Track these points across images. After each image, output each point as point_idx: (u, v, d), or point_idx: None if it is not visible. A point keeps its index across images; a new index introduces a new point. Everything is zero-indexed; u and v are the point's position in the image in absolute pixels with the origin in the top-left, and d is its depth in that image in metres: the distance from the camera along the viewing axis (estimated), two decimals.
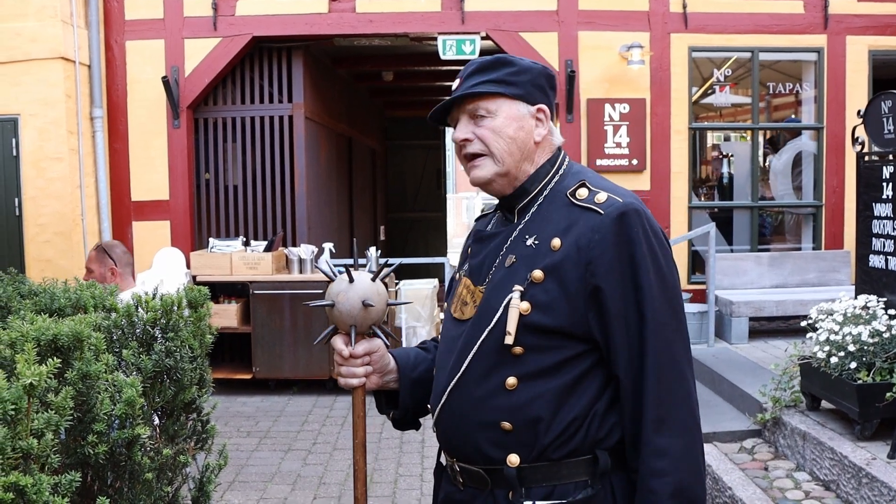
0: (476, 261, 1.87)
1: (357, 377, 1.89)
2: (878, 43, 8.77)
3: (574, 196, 1.77)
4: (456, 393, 1.79)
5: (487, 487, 1.76)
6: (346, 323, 1.84)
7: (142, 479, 2.19)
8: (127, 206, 8.52)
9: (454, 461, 1.84)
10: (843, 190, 8.69)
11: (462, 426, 1.78)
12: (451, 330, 1.88)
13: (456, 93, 1.83)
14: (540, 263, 1.72)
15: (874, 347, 4.86)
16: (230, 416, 7.07)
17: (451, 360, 1.81)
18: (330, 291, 1.86)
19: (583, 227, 1.71)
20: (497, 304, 1.74)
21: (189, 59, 8.44)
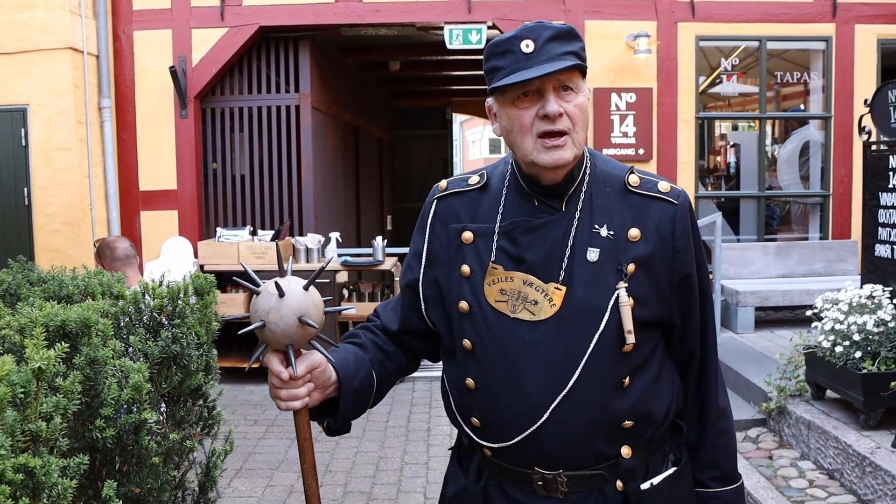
0: (536, 254, 1.69)
1: (300, 399, 1.69)
2: (887, 32, 8.73)
3: (630, 183, 1.74)
4: (567, 403, 1.65)
5: (597, 486, 1.71)
6: (282, 343, 1.63)
7: (149, 464, 2.22)
8: (135, 196, 8.55)
9: (559, 472, 1.69)
10: (850, 180, 8.67)
11: (576, 436, 1.68)
12: (513, 332, 1.69)
13: (544, 61, 1.60)
14: (628, 256, 1.68)
15: (879, 337, 4.87)
16: (237, 404, 7.11)
17: (543, 369, 1.66)
18: (257, 308, 1.62)
19: (657, 216, 1.71)
20: (601, 303, 1.66)
21: (196, 49, 8.46)
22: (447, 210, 1.82)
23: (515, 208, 1.75)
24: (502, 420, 1.70)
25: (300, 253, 7.87)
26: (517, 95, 1.64)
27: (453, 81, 14.32)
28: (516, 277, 1.69)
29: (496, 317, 1.70)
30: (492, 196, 1.79)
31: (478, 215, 1.78)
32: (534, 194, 1.74)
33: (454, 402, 1.82)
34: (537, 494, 1.72)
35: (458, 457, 1.89)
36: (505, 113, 1.69)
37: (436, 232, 1.82)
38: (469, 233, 1.77)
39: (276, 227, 8.54)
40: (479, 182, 1.82)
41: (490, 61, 1.68)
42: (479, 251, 1.75)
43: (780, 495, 4.54)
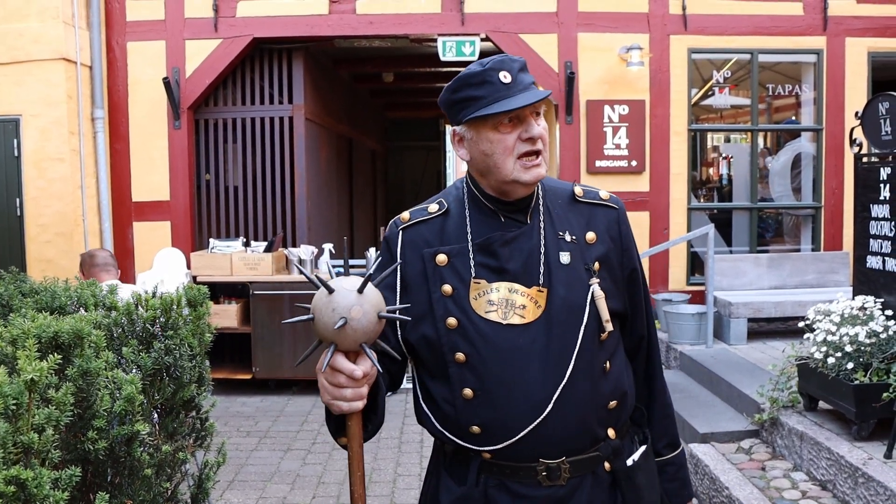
0: (516, 263, 1.84)
1: (364, 398, 1.70)
2: (877, 45, 8.79)
3: (577, 194, 1.97)
4: (565, 395, 1.80)
5: (592, 468, 1.88)
6: (359, 341, 1.62)
7: (141, 475, 2.22)
8: (128, 207, 8.54)
9: (562, 460, 1.83)
10: (842, 191, 8.71)
11: (576, 422, 1.83)
12: (507, 337, 1.81)
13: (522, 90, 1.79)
14: (591, 256, 1.90)
15: (871, 348, 4.88)
16: (230, 415, 7.09)
17: (539, 366, 1.80)
18: (336, 305, 1.60)
19: (605, 220, 1.96)
20: (580, 299, 1.85)
21: (190, 60, 8.46)
22: (415, 238, 1.92)
23: (483, 226, 1.89)
24: (506, 420, 1.80)
25: (293, 264, 7.87)
26: (500, 121, 1.80)
27: None
28: (501, 287, 1.83)
29: (489, 326, 1.82)
30: (455, 220, 1.92)
31: (446, 239, 1.90)
32: (499, 211, 1.90)
33: (445, 416, 1.88)
34: (541, 485, 1.83)
35: (447, 468, 1.94)
36: (485, 138, 1.82)
37: (407, 259, 1.91)
38: (443, 255, 1.88)
39: (269, 238, 8.54)
40: (440, 209, 1.95)
41: (462, 91, 1.82)
42: (457, 270, 1.87)
43: None
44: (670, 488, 2.08)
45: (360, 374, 1.65)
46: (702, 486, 5.15)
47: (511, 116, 1.79)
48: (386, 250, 1.95)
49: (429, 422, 1.92)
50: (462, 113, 1.83)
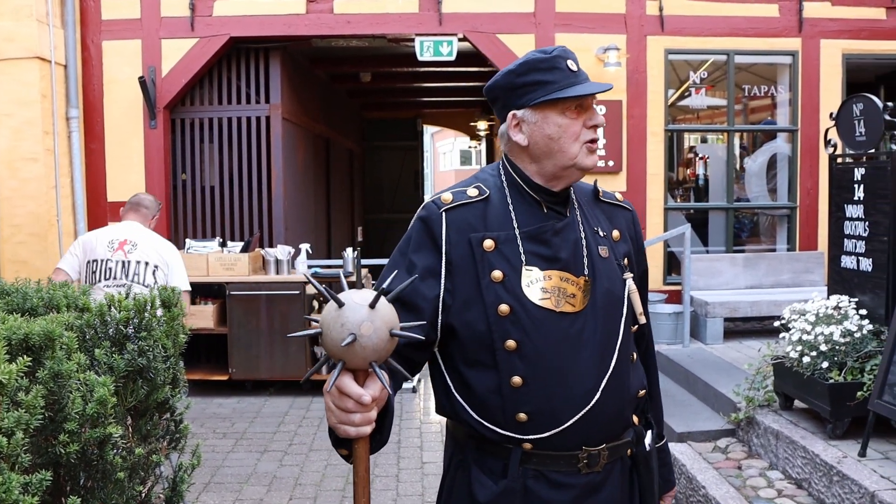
0: (566, 253, 1.88)
1: (372, 423, 1.59)
2: (851, 46, 8.87)
3: (598, 193, 2.05)
4: (611, 383, 1.86)
5: (622, 453, 1.95)
6: (368, 360, 1.51)
7: (114, 479, 2.19)
8: (103, 207, 8.47)
9: (602, 447, 1.87)
10: (817, 192, 8.77)
11: (618, 409, 1.90)
12: (558, 326, 1.83)
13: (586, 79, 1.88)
14: (620, 253, 1.99)
15: (846, 347, 4.92)
16: (206, 417, 7.04)
17: (589, 355, 1.84)
18: (345, 321, 1.49)
19: (622, 220, 2.05)
20: (620, 292, 1.93)
21: (166, 59, 8.41)
22: (459, 220, 1.87)
23: (527, 215, 1.90)
24: (555, 408, 1.82)
25: (270, 264, 7.83)
26: (569, 107, 1.85)
27: (424, 93, 14.34)
28: (554, 275, 1.85)
29: (542, 314, 1.83)
30: (497, 206, 1.90)
31: (490, 224, 1.87)
32: (543, 202, 1.92)
33: (485, 405, 1.84)
34: (580, 473, 1.86)
35: (477, 462, 1.89)
36: (552, 122, 1.85)
37: (452, 242, 1.85)
38: (490, 241, 1.85)
39: (245, 238, 8.49)
40: (480, 194, 1.91)
41: (530, 75, 1.86)
42: (507, 256, 1.85)
43: None
44: (661, 474, 2.14)
45: (369, 400, 1.54)
46: (678, 485, 5.17)
47: (578, 104, 1.85)
48: (424, 231, 1.88)
49: (462, 412, 1.87)
50: (528, 96, 1.85)
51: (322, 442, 6.28)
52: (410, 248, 1.88)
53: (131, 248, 5.15)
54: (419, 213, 1.91)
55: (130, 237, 5.19)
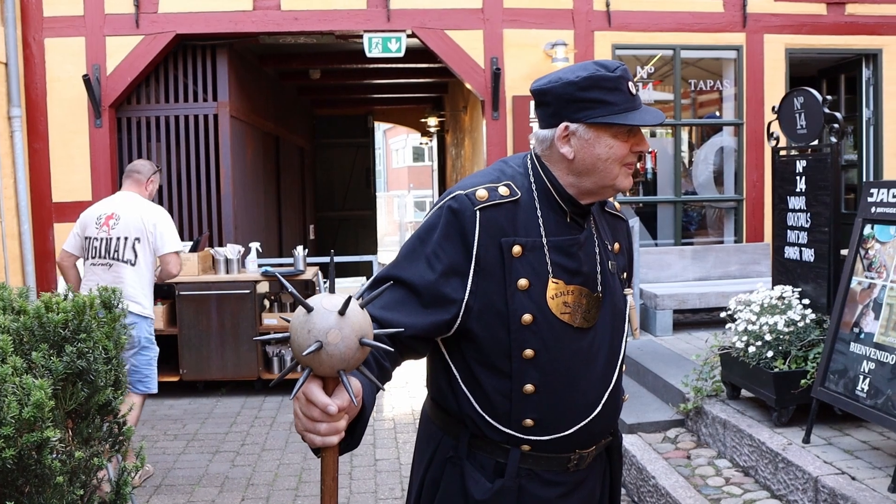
0: (588, 268, 1.90)
1: (339, 432, 1.53)
2: (794, 41, 9.03)
3: (606, 205, 2.07)
4: (611, 396, 1.96)
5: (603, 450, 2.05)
6: (336, 368, 1.46)
7: (52, 483, 2.15)
8: (48, 208, 8.32)
9: (592, 449, 1.97)
10: (762, 184, 8.92)
11: (612, 416, 1.99)
12: (573, 339, 1.87)
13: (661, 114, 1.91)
14: (620, 266, 2.03)
15: (790, 336, 5.01)
16: (157, 419, 6.96)
17: (595, 368, 1.91)
18: (312, 327, 1.44)
19: (620, 231, 2.08)
20: (623, 307, 1.98)
21: (111, 56, 8.28)
22: (491, 222, 1.81)
23: (553, 224, 1.88)
24: (561, 417, 1.88)
25: (220, 264, 7.75)
26: (623, 131, 1.84)
27: (375, 90, 14.32)
28: (575, 291, 1.87)
29: (561, 327, 1.85)
30: (526, 210, 1.86)
31: (518, 229, 1.84)
32: (569, 212, 1.91)
33: (493, 407, 1.85)
34: (569, 471, 1.94)
35: (469, 459, 1.89)
36: (604, 143, 1.83)
37: (483, 243, 1.80)
38: (518, 247, 1.82)
39: (194, 237, 8.40)
40: (511, 195, 1.85)
41: (592, 92, 1.81)
42: (532, 264, 1.83)
43: (697, 494, 4.63)
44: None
45: (335, 410, 1.48)
46: (629, 476, 5.23)
47: (631, 129, 1.85)
48: (454, 225, 1.80)
49: (467, 405, 1.86)
50: (586, 112, 1.81)
51: (274, 441, 6.24)
52: (435, 239, 1.80)
53: (115, 223, 5.25)
54: (449, 203, 1.82)
55: (117, 210, 5.30)
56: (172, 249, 5.33)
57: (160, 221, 5.32)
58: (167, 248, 5.31)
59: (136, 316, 5.26)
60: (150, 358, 5.49)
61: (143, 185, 5.49)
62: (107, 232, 5.25)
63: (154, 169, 5.62)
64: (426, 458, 1.97)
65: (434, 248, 1.79)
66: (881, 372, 4.17)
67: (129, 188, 5.47)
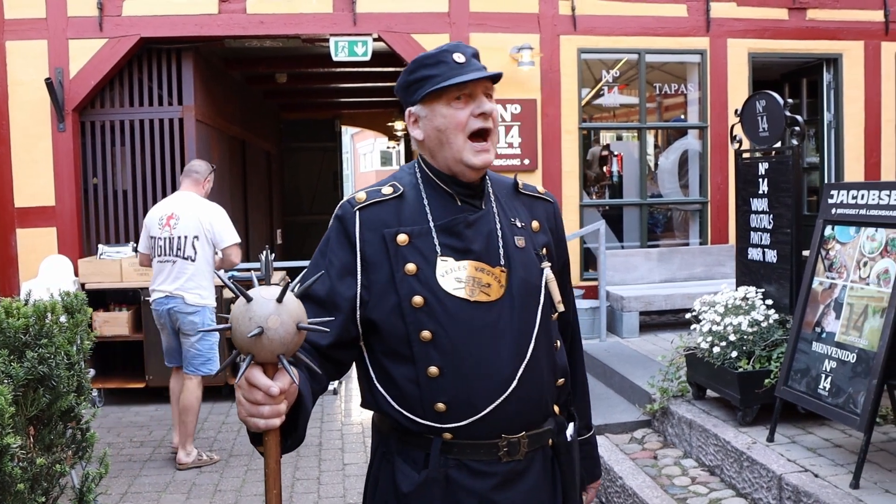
0: (479, 244, 1.91)
1: (282, 415, 1.63)
2: (756, 46, 9.14)
3: (518, 186, 2.08)
4: (528, 371, 1.89)
5: (544, 442, 1.98)
6: (276, 352, 1.55)
7: (13, 491, 2.12)
8: (10, 213, 8.20)
9: (521, 434, 1.91)
10: (726, 187, 9.00)
11: (537, 397, 1.93)
12: (473, 315, 1.86)
13: (477, 70, 1.89)
14: (539, 243, 2.02)
15: (754, 336, 5.07)
16: (123, 426, 6.89)
17: (505, 343, 1.87)
18: (253, 315, 1.54)
19: (542, 212, 2.08)
20: (537, 280, 1.95)
21: (74, 60, 8.18)
22: (373, 219, 1.92)
23: (442, 209, 1.94)
24: (471, 397, 1.85)
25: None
26: (454, 97, 1.88)
27: (342, 94, 14.27)
28: (468, 266, 1.88)
29: (456, 304, 1.86)
30: (412, 202, 1.95)
31: (403, 220, 1.92)
32: (456, 195, 1.96)
33: (405, 396, 1.88)
34: (501, 461, 1.90)
35: (400, 454, 1.93)
36: (439, 113, 1.90)
37: (366, 239, 1.90)
38: (403, 235, 1.89)
39: None
40: (395, 192, 1.96)
41: (418, 72, 1.91)
42: (420, 249, 1.89)
43: (664, 493, 4.67)
44: (585, 466, 2.20)
45: (277, 391, 1.58)
46: None
47: (464, 93, 1.88)
48: (340, 230, 1.93)
49: (385, 404, 1.91)
50: (418, 92, 1.91)
51: (242, 447, 6.20)
52: (329, 248, 1.93)
53: (175, 223, 5.78)
54: (336, 212, 1.96)
55: (176, 210, 5.83)
56: (232, 242, 5.86)
57: (216, 219, 5.83)
58: (226, 241, 5.84)
59: (198, 306, 5.80)
60: (212, 343, 5.98)
61: (201, 185, 6.01)
62: (168, 232, 5.78)
63: (210, 169, 6.14)
64: (370, 459, 2.05)
65: (329, 256, 1.92)
66: (842, 370, 4.23)
67: (188, 188, 5.96)
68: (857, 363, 4.14)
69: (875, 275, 4.22)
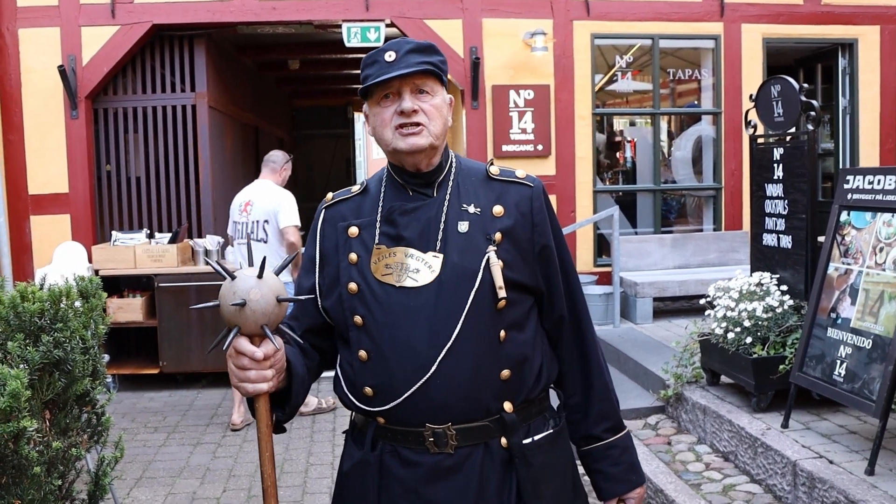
0: (413, 231, 1.92)
1: (268, 381, 1.77)
2: (771, 31, 9.07)
3: (491, 173, 2.02)
4: (451, 356, 1.84)
5: (483, 440, 1.89)
6: (259, 322, 1.72)
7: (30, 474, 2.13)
8: (24, 200, 8.24)
9: (448, 425, 1.86)
10: (740, 172, 8.96)
11: (462, 386, 1.85)
12: (399, 300, 1.87)
13: (402, 67, 1.87)
14: (495, 227, 1.93)
15: (768, 322, 5.05)
16: (137, 411, 6.93)
17: (427, 328, 1.84)
18: (236, 289, 1.72)
19: (517, 196, 1.99)
20: (474, 265, 1.88)
21: (87, 47, 8.19)
22: (335, 215, 2.04)
23: (393, 201, 1.98)
24: (392, 381, 1.86)
25: (199, 255, 7.72)
26: (381, 97, 1.92)
27: (354, 80, 14.24)
28: (398, 252, 1.91)
29: (383, 289, 1.89)
30: (372, 196, 2.03)
31: (362, 213, 2.00)
32: (407, 185, 1.98)
33: (347, 379, 1.97)
34: (429, 452, 1.88)
35: (352, 436, 2.04)
36: (374, 112, 1.95)
37: (325, 234, 2.03)
38: (354, 227, 1.98)
39: (173, 229, 8.35)
40: (360, 189, 2.07)
41: (363, 71, 1.94)
42: (364, 240, 1.96)
43: (678, 479, 4.66)
44: (615, 472, 2.07)
45: (261, 356, 1.74)
46: None
47: (389, 92, 1.90)
48: (312, 228, 2.07)
49: (337, 386, 2.00)
50: (362, 91, 1.95)
51: (255, 433, 6.20)
52: (307, 240, 2.09)
53: (251, 209, 6.29)
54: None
55: (252, 197, 6.35)
56: (288, 224, 6.22)
57: (282, 202, 6.26)
58: (283, 222, 6.21)
59: None
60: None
61: (278, 173, 6.50)
62: (246, 217, 6.31)
63: (287, 158, 6.65)
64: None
65: (306, 252, 2.07)
66: (858, 356, 4.20)
67: (266, 176, 6.48)
68: (872, 349, 4.12)
69: (891, 260, 4.19)
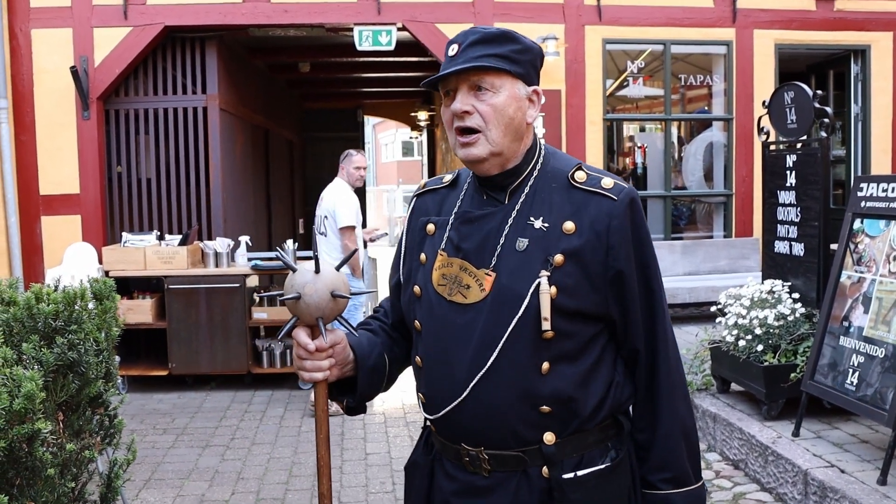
0: (472, 243, 1.80)
1: (323, 371, 1.83)
2: (783, 37, 9.05)
3: (574, 179, 1.80)
4: (486, 382, 1.74)
5: (521, 468, 1.78)
6: (314, 315, 1.78)
7: (44, 476, 2.13)
8: (35, 201, 8.26)
9: (480, 450, 1.78)
10: (751, 179, 8.94)
11: (495, 413, 1.76)
12: (448, 314, 1.79)
13: (459, 63, 1.73)
14: (558, 247, 1.73)
15: (780, 330, 5.03)
16: (146, 413, 6.93)
17: (468, 348, 1.75)
18: (293, 283, 1.79)
19: (595, 211, 1.75)
20: (523, 289, 1.72)
21: (99, 48, 8.22)
22: (421, 206, 1.98)
23: (470, 201, 1.88)
24: (437, 394, 1.83)
25: (209, 257, 7.72)
26: (444, 93, 1.80)
27: (365, 83, 14.27)
28: (455, 263, 1.81)
29: (437, 299, 1.82)
30: (457, 192, 1.92)
31: (444, 209, 1.91)
32: (483, 188, 1.86)
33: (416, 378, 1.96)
34: (466, 470, 1.83)
35: (422, 433, 2.02)
36: (442, 109, 1.83)
37: (411, 227, 1.98)
38: (431, 225, 1.91)
39: (184, 231, 8.36)
40: (450, 180, 1.96)
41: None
42: (435, 241, 1.88)
43: None
44: None
45: (314, 348, 1.79)
46: None
47: (449, 89, 1.78)
48: (407, 216, 2.04)
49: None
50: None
51: (264, 436, 6.23)
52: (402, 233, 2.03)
53: (320, 204, 6.91)
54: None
55: (324, 193, 6.91)
56: (343, 225, 6.64)
57: (339, 202, 6.70)
58: (339, 224, 6.66)
59: None
60: (356, 304, 6.75)
61: (344, 171, 6.88)
62: (318, 211, 6.93)
63: (345, 155, 7.01)
64: None
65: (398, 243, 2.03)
66: (870, 365, 4.18)
67: (340, 175, 6.92)
68: (885, 358, 4.09)
69: None
